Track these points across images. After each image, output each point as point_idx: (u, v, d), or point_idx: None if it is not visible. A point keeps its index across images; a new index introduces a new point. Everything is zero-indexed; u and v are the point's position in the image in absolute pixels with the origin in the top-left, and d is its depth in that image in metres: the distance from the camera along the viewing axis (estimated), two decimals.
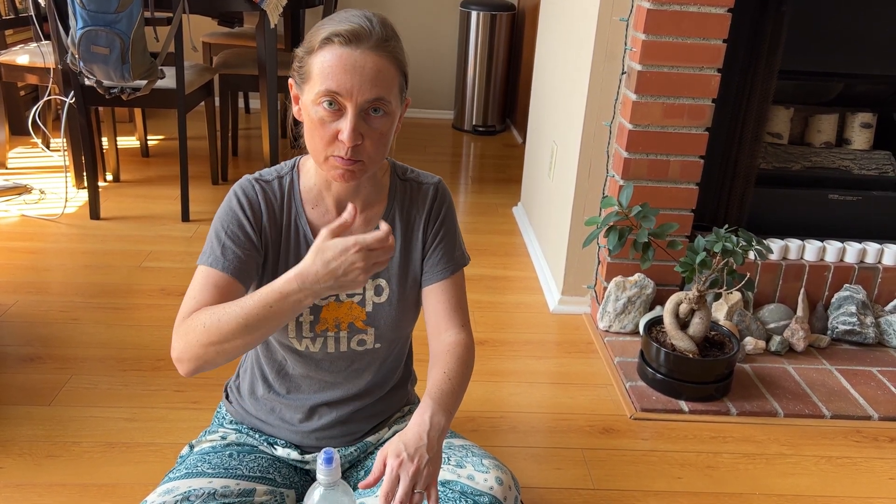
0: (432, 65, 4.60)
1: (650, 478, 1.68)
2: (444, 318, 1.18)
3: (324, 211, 1.16)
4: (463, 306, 1.21)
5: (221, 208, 1.13)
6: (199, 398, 1.84)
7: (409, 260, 1.20)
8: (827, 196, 2.33)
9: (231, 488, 1.09)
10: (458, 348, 1.15)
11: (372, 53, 1.00)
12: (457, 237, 1.23)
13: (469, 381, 1.15)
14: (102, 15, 2.38)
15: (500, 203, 3.32)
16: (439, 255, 1.19)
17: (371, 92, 1.00)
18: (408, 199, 1.20)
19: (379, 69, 1.01)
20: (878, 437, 1.87)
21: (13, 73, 3.01)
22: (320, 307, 1.16)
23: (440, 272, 1.19)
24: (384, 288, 1.18)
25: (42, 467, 1.58)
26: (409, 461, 0.95)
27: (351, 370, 1.22)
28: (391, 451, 0.97)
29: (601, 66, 2.15)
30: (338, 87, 1.00)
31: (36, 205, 2.93)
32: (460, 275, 1.22)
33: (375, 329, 1.19)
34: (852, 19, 2.17)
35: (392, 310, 1.19)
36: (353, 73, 0.99)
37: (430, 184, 1.22)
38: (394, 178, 1.20)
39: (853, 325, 2.20)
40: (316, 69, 1.02)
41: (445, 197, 1.22)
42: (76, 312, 2.19)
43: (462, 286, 1.22)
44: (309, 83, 1.03)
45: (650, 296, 2.21)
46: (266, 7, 2.67)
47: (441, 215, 1.21)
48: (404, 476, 0.94)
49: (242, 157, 3.74)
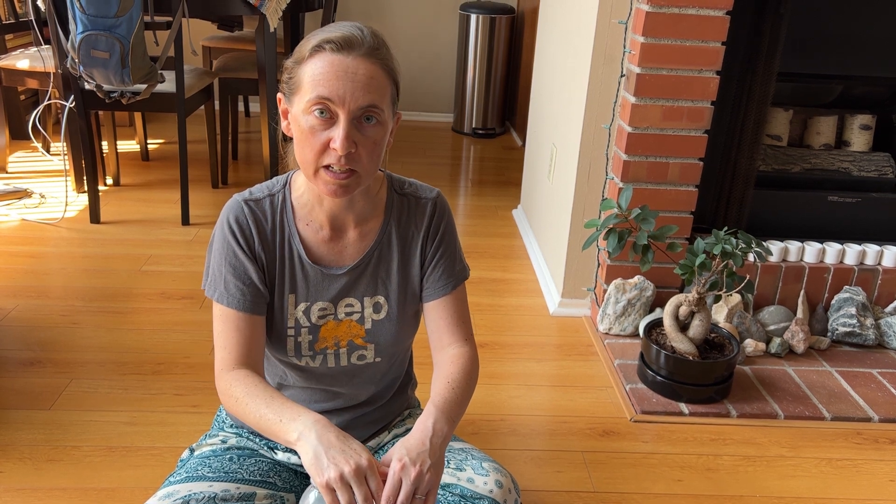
0: (432, 68, 4.61)
1: (650, 480, 1.68)
2: (447, 333, 1.18)
3: (317, 227, 1.14)
4: (465, 320, 1.20)
5: (216, 236, 1.13)
6: (199, 402, 1.84)
7: (409, 276, 1.18)
8: (826, 198, 2.33)
9: (231, 492, 1.09)
10: (462, 359, 1.15)
11: (364, 60, 0.99)
12: (457, 251, 1.22)
13: (473, 391, 1.15)
14: (102, 19, 2.38)
15: (499, 206, 3.32)
16: (440, 271, 1.18)
17: (364, 98, 0.99)
18: (405, 214, 1.18)
19: (371, 76, 1.00)
20: (879, 438, 1.87)
21: (13, 77, 3.01)
22: (319, 326, 1.15)
23: (441, 288, 1.18)
24: (383, 305, 1.17)
25: (42, 471, 1.58)
26: (412, 466, 0.95)
27: (352, 383, 1.21)
28: (395, 455, 0.97)
29: (600, 68, 2.15)
30: (329, 94, 0.98)
31: (36, 209, 2.94)
32: (461, 288, 1.21)
33: (375, 345, 1.18)
34: (851, 21, 2.18)
35: (391, 325, 1.18)
36: (345, 80, 0.98)
37: (429, 198, 1.19)
38: (391, 193, 1.18)
39: (853, 327, 2.20)
40: (307, 77, 1.00)
41: (444, 211, 1.20)
42: (76, 316, 2.19)
43: (464, 299, 1.21)
44: (299, 93, 1.02)
45: (650, 298, 2.21)
46: (265, 11, 2.68)
47: (440, 231, 1.19)
48: (406, 481, 0.94)
49: (242, 160, 3.74)
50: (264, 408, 1.01)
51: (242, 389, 1.05)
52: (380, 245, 1.16)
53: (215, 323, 1.12)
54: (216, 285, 1.11)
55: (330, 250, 1.14)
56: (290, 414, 0.99)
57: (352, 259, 1.15)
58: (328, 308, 1.15)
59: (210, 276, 1.13)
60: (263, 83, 2.86)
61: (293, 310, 1.14)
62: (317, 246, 1.14)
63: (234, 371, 1.08)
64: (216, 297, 1.11)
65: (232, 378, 1.07)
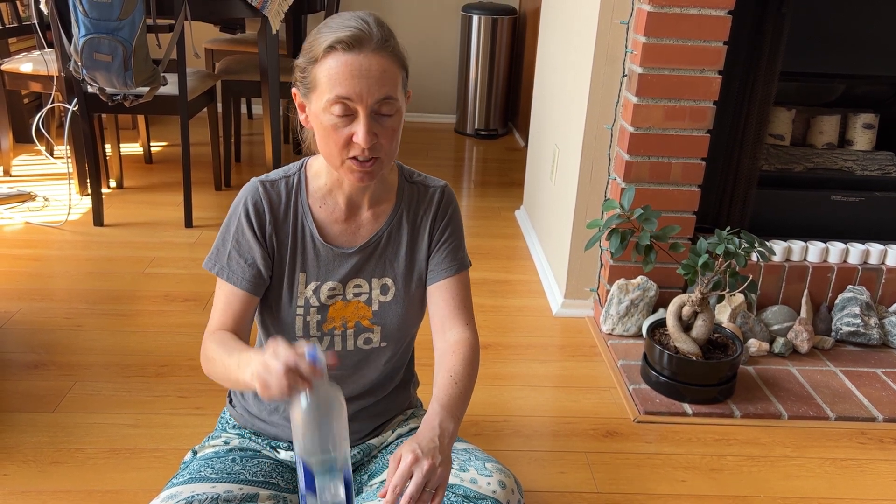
0: (434, 69, 4.61)
1: (654, 481, 1.68)
2: (450, 316, 1.20)
3: (332, 207, 1.18)
4: (468, 305, 1.23)
5: (231, 211, 1.18)
6: (202, 404, 1.84)
7: (415, 259, 1.22)
8: (829, 197, 2.33)
9: (234, 493, 1.09)
10: (463, 347, 1.16)
11: (375, 55, 1.03)
12: (461, 239, 1.26)
13: (475, 382, 1.16)
14: (105, 22, 2.39)
15: (502, 207, 3.32)
16: (445, 252, 1.22)
17: (379, 92, 1.03)
18: (415, 200, 1.23)
19: (384, 69, 1.04)
20: (883, 438, 1.86)
21: (17, 80, 3.02)
22: (327, 306, 1.18)
23: (446, 269, 1.21)
24: (390, 287, 1.20)
25: (46, 474, 1.58)
26: (425, 458, 0.96)
27: (356, 368, 1.23)
28: (406, 449, 0.98)
29: (602, 69, 2.15)
30: (347, 93, 1.02)
31: (40, 212, 2.94)
32: (465, 274, 1.24)
33: (382, 328, 1.21)
34: (853, 20, 2.17)
35: (398, 308, 1.21)
36: (360, 78, 1.02)
37: (437, 187, 1.25)
38: (401, 179, 1.23)
39: (857, 327, 2.19)
40: (323, 77, 1.04)
41: (451, 199, 1.25)
42: (80, 319, 2.19)
43: (467, 285, 1.24)
44: (316, 92, 1.06)
45: (653, 298, 2.21)
46: (268, 13, 2.68)
47: (448, 215, 1.23)
48: (418, 472, 0.96)
49: (245, 162, 3.75)
50: (227, 357, 1.05)
51: (214, 347, 1.10)
52: (390, 226, 1.20)
53: (216, 291, 1.17)
54: (218, 259, 1.17)
55: (344, 230, 1.19)
56: (246, 359, 1.00)
57: (363, 238, 1.19)
58: (337, 288, 1.18)
59: (214, 250, 1.18)
60: (266, 85, 2.86)
61: (303, 288, 1.17)
62: (330, 226, 1.18)
63: (213, 333, 1.13)
64: (216, 270, 1.16)
65: (209, 340, 1.12)
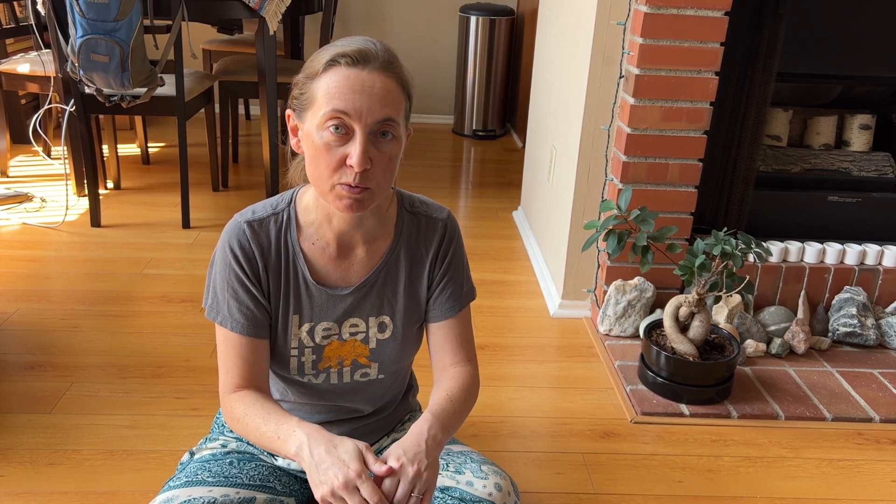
0: (432, 70, 4.61)
1: (651, 482, 1.68)
2: (450, 354, 1.18)
3: (323, 245, 1.12)
4: (469, 341, 1.20)
5: (217, 258, 1.11)
6: (199, 405, 1.84)
7: (414, 297, 1.17)
8: (826, 198, 2.33)
9: (231, 497, 1.09)
10: (463, 377, 1.15)
11: (380, 74, 0.98)
12: (464, 273, 1.20)
13: (471, 409, 1.15)
14: (102, 23, 2.38)
15: (500, 207, 3.32)
16: (446, 294, 1.17)
17: (380, 112, 0.97)
18: (415, 234, 1.16)
19: (388, 89, 0.98)
20: (880, 439, 1.86)
21: (14, 81, 3.02)
22: (322, 346, 1.14)
23: (447, 311, 1.18)
24: (387, 325, 1.16)
25: (43, 475, 1.58)
26: (410, 465, 0.96)
27: (353, 399, 1.22)
28: (391, 455, 0.97)
29: (599, 69, 2.15)
30: (346, 107, 0.96)
31: (37, 213, 2.94)
32: (466, 310, 1.20)
33: (379, 364, 1.18)
34: (850, 21, 2.17)
35: (396, 345, 1.18)
36: (361, 93, 0.96)
37: (440, 219, 1.18)
38: (401, 211, 1.16)
39: (854, 327, 2.20)
40: (321, 92, 0.98)
41: (455, 234, 1.19)
42: (77, 320, 2.19)
43: (468, 320, 1.20)
44: (312, 108, 0.99)
45: (650, 299, 2.21)
46: (265, 14, 2.68)
47: (450, 255, 1.17)
48: (404, 480, 0.95)
49: (243, 163, 3.75)
50: (263, 425, 1.03)
51: (242, 410, 1.07)
52: (387, 264, 1.15)
53: (219, 345, 1.12)
54: (219, 309, 1.10)
55: (336, 269, 1.13)
56: (286, 430, 1.00)
57: (358, 278, 1.14)
58: (332, 328, 1.14)
59: (212, 299, 1.11)
60: (263, 86, 2.86)
61: (297, 330, 1.13)
62: (322, 265, 1.12)
63: (236, 393, 1.10)
64: (219, 320, 1.10)
65: (233, 400, 1.09)
